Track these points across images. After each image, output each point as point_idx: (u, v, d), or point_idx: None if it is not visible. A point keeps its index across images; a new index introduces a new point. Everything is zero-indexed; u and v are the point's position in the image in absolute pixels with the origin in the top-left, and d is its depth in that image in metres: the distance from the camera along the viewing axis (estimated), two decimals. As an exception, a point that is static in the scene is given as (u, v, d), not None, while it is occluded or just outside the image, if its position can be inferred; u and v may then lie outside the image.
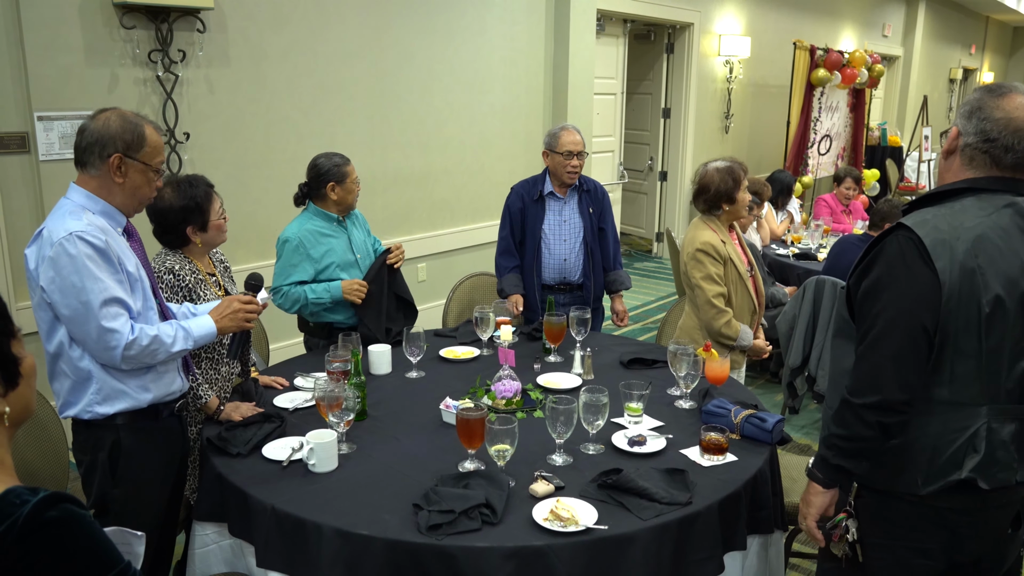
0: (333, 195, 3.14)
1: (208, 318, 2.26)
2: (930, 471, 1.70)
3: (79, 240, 1.96)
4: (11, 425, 1.20)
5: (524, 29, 6.16)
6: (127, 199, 2.11)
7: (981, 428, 1.68)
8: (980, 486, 1.68)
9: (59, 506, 1.09)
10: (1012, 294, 1.66)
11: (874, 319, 1.70)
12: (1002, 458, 1.69)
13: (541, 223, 3.61)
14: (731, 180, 3.12)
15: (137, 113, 2.12)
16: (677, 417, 2.50)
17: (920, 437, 1.71)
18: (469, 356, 3.07)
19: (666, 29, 8.23)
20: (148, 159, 2.08)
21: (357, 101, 5.06)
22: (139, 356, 2.06)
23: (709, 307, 3.09)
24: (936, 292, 1.65)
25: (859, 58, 9.32)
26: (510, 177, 6.03)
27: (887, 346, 1.68)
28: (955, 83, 15.82)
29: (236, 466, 2.17)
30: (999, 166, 1.72)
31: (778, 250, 5.64)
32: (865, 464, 1.77)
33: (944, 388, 1.69)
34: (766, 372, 5.33)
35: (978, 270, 1.65)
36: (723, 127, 9.08)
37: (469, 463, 2.14)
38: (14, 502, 1.08)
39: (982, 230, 1.67)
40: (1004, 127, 1.69)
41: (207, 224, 2.55)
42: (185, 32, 4.11)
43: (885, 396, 1.67)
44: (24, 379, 1.20)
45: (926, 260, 1.66)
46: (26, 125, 3.69)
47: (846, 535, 1.83)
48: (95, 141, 2.04)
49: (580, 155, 3.53)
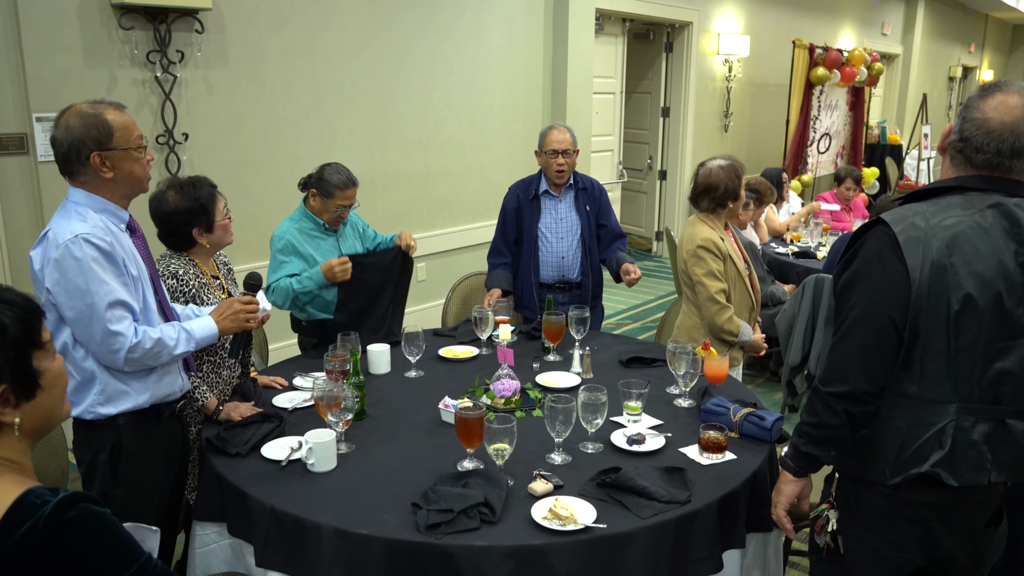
0: (313, 201, 3.14)
1: (209, 319, 2.27)
2: (897, 463, 1.74)
3: (84, 242, 1.97)
4: (29, 435, 1.21)
5: (523, 28, 6.16)
6: (124, 188, 2.11)
7: (948, 425, 1.70)
8: (947, 482, 1.70)
9: (79, 505, 1.11)
10: (985, 294, 1.66)
11: (848, 311, 1.75)
12: (972, 457, 1.70)
13: (537, 222, 3.61)
14: (736, 178, 3.13)
15: (94, 101, 2.08)
16: (676, 416, 2.50)
17: (890, 429, 1.75)
18: (468, 355, 3.07)
19: (665, 28, 8.23)
20: (124, 143, 2.06)
21: (356, 101, 5.06)
22: (142, 359, 2.07)
23: (711, 303, 3.08)
24: (906, 288, 1.68)
25: (858, 56, 9.32)
26: (509, 176, 6.02)
27: (856, 338, 1.73)
28: (954, 81, 15.81)
29: (235, 466, 2.17)
30: (973, 165, 1.74)
31: (777, 248, 5.64)
32: (834, 453, 1.81)
33: (914, 384, 1.72)
34: (765, 371, 5.33)
35: (950, 268, 1.66)
36: (722, 126, 9.08)
37: (468, 462, 2.14)
38: (35, 503, 1.10)
39: (960, 229, 1.68)
40: (978, 128, 1.71)
41: (212, 225, 2.55)
42: (183, 33, 4.11)
43: (852, 386, 1.72)
44: (44, 390, 1.21)
45: (899, 256, 1.69)
46: (24, 126, 3.69)
47: (827, 526, 1.87)
48: (68, 150, 2.02)
49: (566, 153, 3.51)
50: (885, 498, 1.78)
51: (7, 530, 1.08)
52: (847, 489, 1.87)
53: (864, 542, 1.83)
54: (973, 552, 1.82)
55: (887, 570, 1.82)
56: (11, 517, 1.09)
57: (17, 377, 1.17)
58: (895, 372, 1.73)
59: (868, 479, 1.79)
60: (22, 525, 1.08)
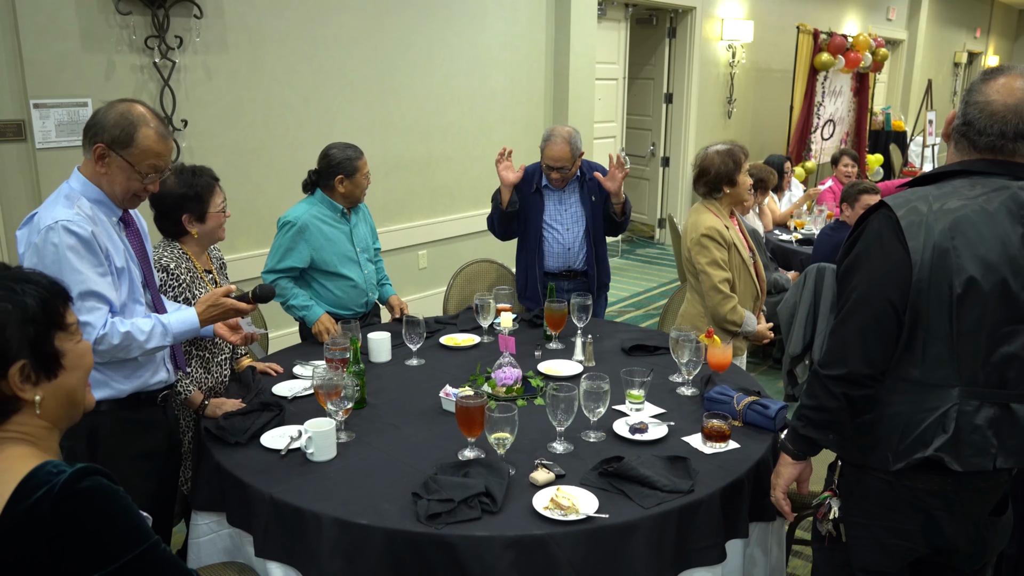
0: (341, 188, 3.12)
1: (191, 310, 2.21)
2: (900, 448, 1.73)
3: (63, 230, 1.94)
4: (52, 416, 1.24)
5: (525, 14, 6.11)
6: (113, 190, 2.09)
7: (951, 409, 1.69)
8: (950, 467, 1.69)
9: (93, 477, 1.14)
10: (989, 278, 1.65)
11: (848, 295, 1.75)
12: (976, 441, 1.69)
13: (542, 213, 3.56)
14: (731, 162, 3.09)
15: (155, 114, 2.09)
16: (679, 404, 2.48)
17: (892, 414, 1.74)
18: (469, 343, 3.05)
19: (668, 13, 8.16)
20: (134, 160, 2.04)
21: (357, 87, 5.02)
22: (110, 352, 2.03)
23: (715, 293, 3.06)
24: (907, 271, 1.67)
25: (863, 42, 9.25)
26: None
27: (855, 321, 1.72)
28: (960, 67, 15.70)
29: (234, 455, 2.15)
30: (977, 149, 1.73)
31: (781, 236, 5.62)
32: (833, 437, 1.82)
33: (916, 368, 1.71)
34: (769, 359, 5.32)
35: (952, 251, 1.65)
36: (726, 112, 9.03)
37: (469, 451, 2.13)
38: (51, 471, 1.13)
39: (964, 212, 1.67)
40: (980, 111, 1.70)
41: (205, 215, 2.52)
42: (182, 18, 4.07)
43: (851, 369, 1.71)
44: (67, 371, 1.24)
45: (900, 239, 1.68)
46: (22, 113, 3.66)
47: (829, 513, 1.86)
48: (90, 126, 2.04)
49: (562, 169, 3.41)
50: (887, 485, 1.77)
51: (21, 497, 1.11)
52: (849, 476, 1.86)
53: (866, 530, 1.82)
54: (977, 540, 1.80)
55: (889, 558, 1.81)
56: (26, 484, 1.12)
57: (37, 355, 1.20)
58: (897, 356, 1.72)
59: (870, 466, 1.78)
60: (36, 492, 1.11)
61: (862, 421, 1.77)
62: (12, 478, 1.13)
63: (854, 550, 1.84)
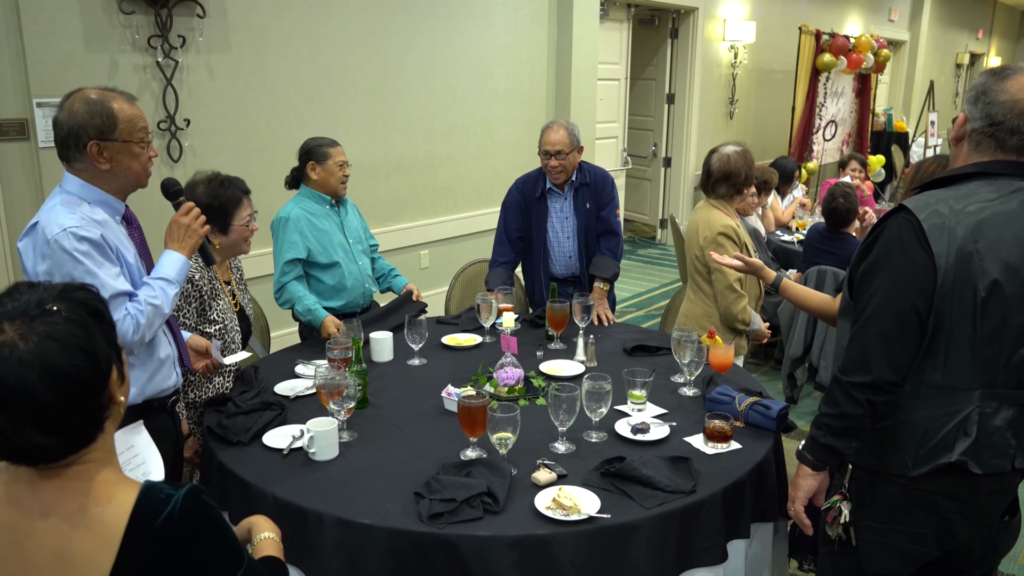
0: (314, 175, 3.16)
1: (170, 252, 2.15)
2: (920, 453, 1.71)
3: (73, 236, 1.92)
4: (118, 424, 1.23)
5: (527, 14, 6.11)
6: (121, 182, 2.06)
7: (973, 412, 1.68)
8: (972, 470, 1.68)
9: (201, 497, 1.17)
10: (1012, 281, 1.64)
11: (868, 300, 1.72)
12: (996, 443, 1.68)
13: (546, 220, 3.55)
14: (751, 165, 3.11)
15: (105, 88, 2.02)
16: (681, 404, 2.48)
17: (912, 419, 1.72)
18: (471, 343, 3.05)
19: (670, 14, 8.16)
20: (127, 135, 2.00)
21: (359, 87, 5.02)
22: (148, 332, 2.03)
23: (729, 292, 3.06)
24: (930, 275, 1.65)
25: (865, 43, 9.24)
26: (513, 163, 6.01)
27: (877, 326, 1.69)
28: (962, 68, 15.69)
29: (236, 455, 2.16)
30: (1003, 149, 1.70)
31: (782, 236, 5.62)
32: (854, 444, 1.79)
33: (938, 372, 1.69)
34: (770, 359, 5.32)
35: (976, 255, 1.64)
36: (728, 113, 9.02)
37: (471, 451, 2.13)
38: (160, 496, 1.14)
39: (986, 215, 1.65)
40: (1009, 109, 1.67)
41: (228, 227, 2.52)
42: (185, 17, 4.08)
43: (875, 376, 1.69)
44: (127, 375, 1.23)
45: (923, 243, 1.65)
46: (25, 111, 3.67)
47: (839, 517, 1.84)
48: (67, 134, 1.97)
49: (560, 155, 3.37)
50: (903, 490, 1.75)
51: (141, 524, 1.12)
52: (862, 481, 1.83)
53: (879, 534, 1.81)
54: (988, 542, 1.80)
55: (902, 562, 1.80)
56: (142, 511, 1.13)
57: (118, 357, 1.20)
58: (918, 361, 1.70)
59: (888, 471, 1.76)
60: (155, 518, 1.12)
61: (880, 427, 1.75)
62: (121, 508, 1.13)
63: (865, 555, 1.83)
